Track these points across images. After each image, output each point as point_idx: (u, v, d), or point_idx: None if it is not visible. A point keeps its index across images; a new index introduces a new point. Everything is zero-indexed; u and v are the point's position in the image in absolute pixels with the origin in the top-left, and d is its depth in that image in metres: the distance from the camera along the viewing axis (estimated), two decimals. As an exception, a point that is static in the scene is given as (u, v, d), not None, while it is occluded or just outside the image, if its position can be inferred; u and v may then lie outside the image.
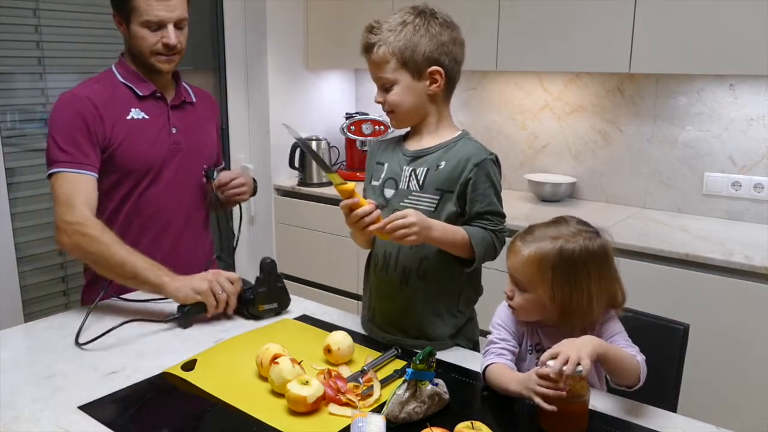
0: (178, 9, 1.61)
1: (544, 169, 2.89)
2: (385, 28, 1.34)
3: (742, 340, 1.98)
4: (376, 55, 1.35)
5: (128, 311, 1.55)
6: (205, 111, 1.86)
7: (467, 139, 1.43)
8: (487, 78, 3.01)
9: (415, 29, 1.32)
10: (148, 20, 1.58)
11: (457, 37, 1.37)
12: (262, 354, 1.23)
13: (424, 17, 1.33)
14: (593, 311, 1.17)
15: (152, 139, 1.68)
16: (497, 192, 1.38)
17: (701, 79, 2.45)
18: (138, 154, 1.65)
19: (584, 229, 1.20)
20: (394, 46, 1.32)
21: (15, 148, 2.44)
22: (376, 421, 1.03)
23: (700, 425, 1.10)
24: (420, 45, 1.31)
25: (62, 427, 1.08)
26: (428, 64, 1.33)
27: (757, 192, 2.38)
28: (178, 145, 1.72)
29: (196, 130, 1.79)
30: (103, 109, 1.61)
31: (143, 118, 1.67)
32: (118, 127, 1.62)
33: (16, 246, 2.42)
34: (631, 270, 2.11)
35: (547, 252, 1.15)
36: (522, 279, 1.19)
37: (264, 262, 1.54)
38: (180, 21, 1.63)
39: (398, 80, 1.34)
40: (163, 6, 1.58)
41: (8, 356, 1.35)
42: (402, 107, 1.37)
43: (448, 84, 1.39)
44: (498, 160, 1.40)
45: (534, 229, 1.22)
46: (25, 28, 2.43)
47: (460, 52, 1.38)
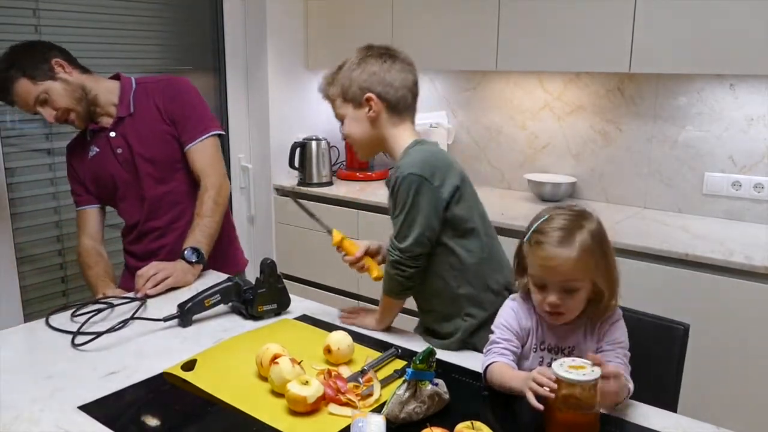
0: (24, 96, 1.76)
1: (544, 169, 2.89)
2: (332, 73, 1.52)
3: (742, 340, 1.98)
4: (330, 100, 1.52)
5: (127, 311, 1.55)
6: (150, 112, 1.89)
7: (410, 151, 1.44)
8: (487, 78, 3.00)
9: (351, 66, 1.47)
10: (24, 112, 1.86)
11: (392, 65, 1.46)
12: (262, 354, 1.23)
13: (360, 53, 1.48)
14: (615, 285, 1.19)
15: (106, 166, 1.90)
16: (408, 213, 1.37)
17: (701, 79, 2.45)
18: (100, 184, 1.93)
19: (580, 209, 1.22)
20: (337, 86, 1.49)
21: (15, 148, 2.44)
22: (376, 421, 1.03)
23: (700, 425, 1.10)
24: (354, 78, 1.46)
25: (62, 427, 1.08)
26: (363, 92, 1.45)
27: (757, 192, 2.38)
28: (126, 163, 1.89)
29: (142, 137, 1.88)
30: (74, 158, 1.96)
31: (97, 152, 1.91)
32: (85, 166, 1.93)
33: (16, 246, 2.42)
34: (631, 270, 2.12)
35: (586, 240, 1.14)
36: (577, 278, 1.15)
37: (264, 262, 1.55)
38: (39, 101, 1.77)
39: (346, 114, 1.49)
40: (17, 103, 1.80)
41: (8, 356, 1.35)
42: (353, 137, 1.50)
43: (390, 107, 1.46)
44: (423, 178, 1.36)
45: (549, 231, 1.16)
46: (25, 28, 2.43)
47: (396, 77, 1.46)
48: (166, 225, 1.92)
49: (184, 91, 1.93)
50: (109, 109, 1.89)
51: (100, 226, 1.97)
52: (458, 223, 1.40)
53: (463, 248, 1.41)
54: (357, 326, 1.49)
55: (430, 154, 1.42)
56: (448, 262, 1.42)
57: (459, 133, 3.13)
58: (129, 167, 1.89)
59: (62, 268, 2.60)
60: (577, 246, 1.14)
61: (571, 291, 1.16)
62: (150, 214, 1.91)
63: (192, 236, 1.80)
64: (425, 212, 1.36)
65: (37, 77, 1.75)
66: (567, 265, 1.13)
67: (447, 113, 3.13)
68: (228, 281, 1.57)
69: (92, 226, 1.95)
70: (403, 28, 2.85)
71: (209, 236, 1.82)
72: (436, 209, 1.37)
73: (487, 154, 3.07)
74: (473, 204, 1.45)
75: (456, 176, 1.40)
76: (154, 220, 1.92)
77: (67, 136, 2.57)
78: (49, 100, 1.77)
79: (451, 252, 1.41)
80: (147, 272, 1.70)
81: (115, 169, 1.89)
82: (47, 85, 1.76)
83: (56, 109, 1.79)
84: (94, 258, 1.90)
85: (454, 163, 1.44)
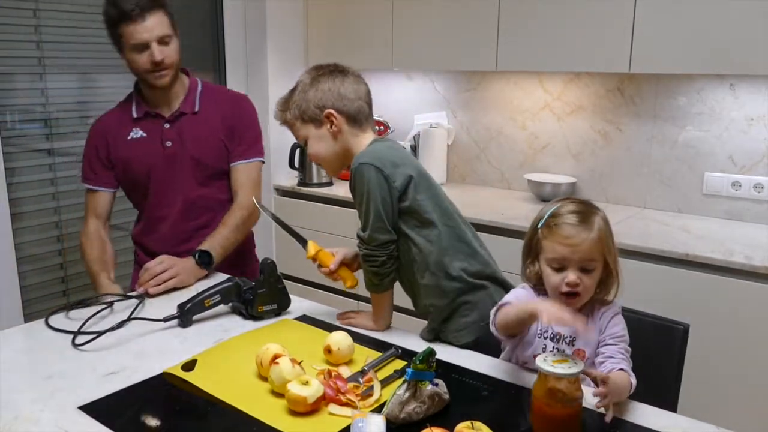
0: (157, 28, 1.74)
1: (544, 169, 2.89)
2: (286, 98, 1.52)
3: (742, 340, 1.98)
4: (287, 124, 1.52)
5: (127, 310, 1.55)
6: (213, 118, 1.90)
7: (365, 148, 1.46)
8: (487, 78, 3.00)
9: (303, 88, 1.48)
10: (134, 44, 1.75)
11: (345, 78, 1.48)
12: (262, 354, 1.23)
13: (309, 74, 1.49)
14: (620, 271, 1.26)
15: (148, 153, 1.86)
16: (365, 202, 1.39)
17: (701, 79, 2.45)
18: (134, 169, 1.88)
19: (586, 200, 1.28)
20: (293, 109, 1.49)
21: (15, 148, 2.44)
22: (376, 421, 1.03)
23: (700, 425, 1.10)
24: (308, 99, 1.46)
25: (62, 427, 1.08)
26: (320, 110, 1.46)
27: (757, 192, 2.38)
28: (172, 158, 1.86)
29: (199, 138, 1.87)
30: (110, 131, 1.89)
31: (141, 136, 1.88)
32: (120, 147, 1.88)
33: (16, 246, 2.42)
34: (631, 270, 2.11)
35: (602, 224, 1.23)
36: (594, 257, 1.21)
37: (264, 263, 1.55)
38: (163, 38, 1.76)
39: (308, 134, 1.49)
40: (141, 29, 1.73)
41: (8, 356, 1.35)
42: (320, 155, 1.50)
43: (350, 119, 1.47)
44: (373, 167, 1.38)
45: (564, 215, 1.23)
46: (25, 28, 2.43)
47: (350, 89, 1.47)
48: (194, 229, 1.90)
49: (250, 110, 1.98)
50: (172, 98, 1.88)
51: (109, 211, 1.95)
52: (416, 213, 1.40)
53: (424, 238, 1.41)
54: (356, 327, 1.49)
55: (384, 147, 1.45)
56: (410, 253, 1.43)
57: (459, 133, 3.13)
58: (171, 162, 1.86)
59: (62, 268, 2.60)
60: (595, 227, 1.21)
61: (587, 271, 1.21)
62: (183, 213, 1.90)
63: (210, 241, 1.80)
64: (379, 199, 1.37)
65: (174, 21, 1.79)
66: (586, 244, 1.20)
67: (447, 113, 3.13)
68: (228, 281, 1.57)
69: (102, 208, 1.92)
70: (403, 28, 2.85)
71: (225, 248, 1.83)
72: (390, 195, 1.38)
73: (487, 154, 3.07)
74: (432, 197, 1.43)
75: (410, 168, 1.41)
76: (186, 221, 1.90)
77: (67, 135, 2.59)
78: (169, 45, 1.77)
79: (412, 242, 1.42)
80: (154, 269, 1.69)
81: (156, 160, 1.86)
82: (175, 35, 1.80)
83: (167, 57, 1.77)
84: (98, 243, 1.88)
85: (409, 158, 1.47)
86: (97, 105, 2.68)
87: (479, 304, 1.41)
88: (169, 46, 1.78)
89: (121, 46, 1.78)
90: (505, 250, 1.75)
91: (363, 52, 2.99)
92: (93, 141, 1.91)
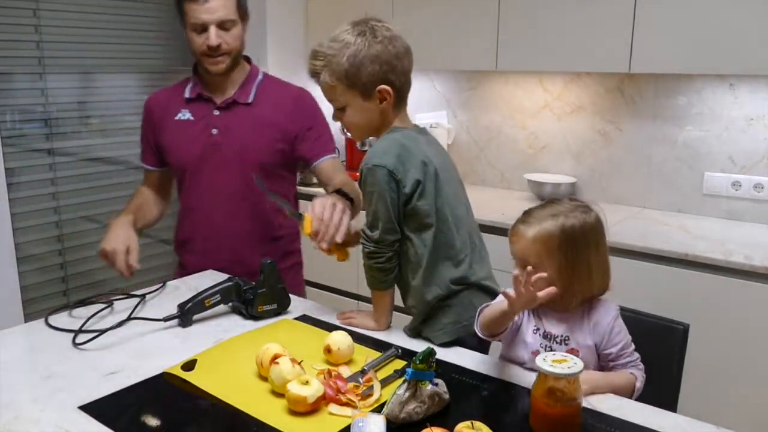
0: (219, 11, 1.67)
1: (544, 169, 2.89)
2: (329, 53, 1.36)
3: (742, 340, 1.98)
4: (323, 82, 1.39)
5: (127, 311, 1.55)
6: (270, 112, 1.79)
7: (381, 139, 1.41)
8: (487, 78, 3.01)
9: (357, 51, 1.33)
10: (193, 24, 1.68)
11: (399, 51, 1.37)
12: (262, 354, 1.23)
13: (365, 37, 1.35)
14: (593, 283, 1.23)
15: (191, 138, 1.78)
16: (370, 202, 1.37)
17: (701, 79, 2.45)
18: (177, 152, 1.81)
19: (579, 204, 1.25)
20: (338, 70, 1.35)
21: (15, 148, 2.44)
22: (376, 421, 1.03)
23: (700, 425, 1.10)
24: (363, 66, 1.33)
25: (62, 427, 1.08)
26: (375, 84, 1.36)
27: (757, 192, 2.38)
28: (217, 146, 1.77)
29: (245, 131, 1.77)
30: (156, 113, 1.84)
31: (188, 119, 1.80)
32: (166, 128, 1.82)
33: (16, 246, 2.42)
34: (631, 270, 2.12)
35: (550, 230, 1.20)
36: (530, 260, 1.21)
37: (264, 263, 1.55)
38: (224, 22, 1.68)
39: (349, 103, 1.39)
40: (202, 9, 1.66)
41: (8, 356, 1.35)
42: (357, 126, 1.43)
43: (398, 97, 1.41)
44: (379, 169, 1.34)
45: (532, 212, 1.25)
46: (25, 28, 2.44)
47: (406, 63, 1.39)
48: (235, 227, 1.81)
49: (317, 106, 1.85)
50: (228, 85, 1.80)
51: (162, 185, 1.93)
52: (417, 216, 1.39)
53: (421, 241, 1.40)
54: (357, 327, 1.49)
55: (400, 142, 1.37)
56: (407, 253, 1.42)
57: (459, 133, 3.13)
58: (214, 152, 1.77)
59: (62, 268, 2.61)
60: (536, 231, 1.20)
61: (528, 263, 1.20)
62: (220, 207, 1.80)
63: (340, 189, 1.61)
64: (388, 200, 1.35)
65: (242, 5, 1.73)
66: (520, 244, 1.23)
67: (447, 113, 3.13)
68: (228, 281, 1.57)
69: (153, 183, 1.91)
70: (403, 28, 2.83)
71: (352, 191, 1.61)
72: (399, 198, 1.36)
73: (487, 154, 3.07)
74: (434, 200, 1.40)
75: (419, 170, 1.36)
76: (224, 216, 1.80)
77: (67, 135, 2.59)
78: (230, 31, 1.71)
79: (411, 243, 1.41)
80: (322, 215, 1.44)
81: (197, 147, 1.78)
82: (238, 20, 1.72)
83: (224, 43, 1.70)
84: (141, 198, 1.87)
85: (419, 155, 1.37)
86: (97, 105, 2.69)
87: (457, 307, 1.41)
88: (229, 31, 1.70)
89: (184, 23, 1.71)
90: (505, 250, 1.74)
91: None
92: (143, 117, 1.88)
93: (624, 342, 1.25)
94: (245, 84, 1.80)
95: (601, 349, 1.24)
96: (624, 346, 1.25)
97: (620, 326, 1.26)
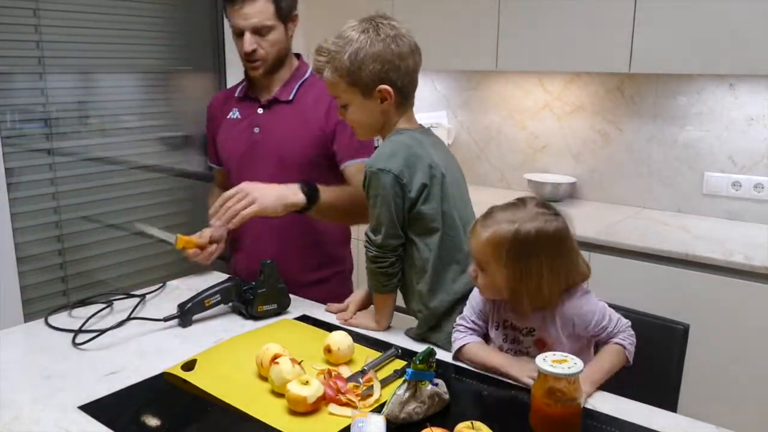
0: (254, 17, 1.64)
1: (544, 169, 2.89)
2: (332, 49, 1.36)
3: (742, 340, 1.98)
4: (326, 78, 1.38)
5: (128, 311, 1.55)
6: (311, 110, 1.72)
7: (387, 141, 1.40)
8: (487, 78, 3.01)
9: (359, 49, 1.32)
10: (232, 28, 1.69)
11: (402, 50, 1.35)
12: (262, 354, 1.23)
13: (367, 34, 1.33)
14: (542, 293, 1.19)
15: (236, 137, 1.79)
16: (373, 206, 1.36)
17: (701, 79, 2.45)
18: (225, 150, 1.83)
19: (542, 212, 1.20)
20: (340, 67, 1.34)
21: (15, 148, 2.44)
22: (376, 421, 1.03)
23: (700, 425, 1.10)
24: (365, 65, 1.32)
25: (62, 427, 1.08)
26: (375, 84, 1.35)
27: (757, 192, 2.38)
28: (257, 144, 1.75)
29: (284, 130, 1.73)
30: (215, 110, 1.87)
31: (236, 117, 1.80)
32: (221, 126, 1.83)
33: (16, 246, 2.42)
34: (631, 270, 2.12)
35: (503, 235, 1.18)
36: (481, 260, 1.22)
37: (264, 263, 1.54)
38: (260, 28, 1.65)
39: (351, 101, 1.38)
40: (237, 15, 1.65)
41: (8, 356, 1.35)
42: (360, 125, 1.43)
43: (401, 97, 1.39)
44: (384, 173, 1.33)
45: (494, 212, 1.23)
46: (25, 28, 2.43)
47: (410, 63, 1.37)
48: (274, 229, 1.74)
49: None
50: (273, 83, 1.76)
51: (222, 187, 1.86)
52: (422, 221, 1.38)
53: (426, 245, 1.38)
54: (357, 327, 1.49)
55: (404, 148, 1.35)
56: (412, 257, 1.41)
57: (459, 133, 3.13)
58: (255, 151, 1.74)
59: (62, 268, 2.60)
60: (488, 234, 1.19)
61: (481, 269, 1.23)
62: None
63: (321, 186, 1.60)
64: (393, 206, 1.34)
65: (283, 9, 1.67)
66: (475, 243, 1.22)
67: (447, 113, 3.13)
68: (228, 281, 1.57)
69: (221, 182, 1.88)
70: (403, 28, 2.84)
71: (332, 202, 1.59)
72: (404, 202, 1.35)
73: (487, 154, 3.07)
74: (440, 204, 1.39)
75: (425, 174, 1.35)
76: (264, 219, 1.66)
77: (67, 135, 2.59)
78: (266, 37, 1.67)
79: (415, 247, 1.39)
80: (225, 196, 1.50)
81: (241, 146, 1.76)
82: (278, 24, 1.68)
83: (260, 49, 1.67)
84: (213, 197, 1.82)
85: (426, 158, 1.36)
86: (97, 105, 2.68)
87: None
88: (266, 37, 1.66)
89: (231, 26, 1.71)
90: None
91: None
92: (206, 117, 1.90)
93: (596, 318, 1.22)
94: (289, 82, 1.76)
95: (578, 333, 1.23)
96: (598, 321, 1.22)
97: (588, 304, 1.23)
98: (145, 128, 2.83)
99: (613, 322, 1.23)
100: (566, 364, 1.05)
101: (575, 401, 1.05)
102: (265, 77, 1.74)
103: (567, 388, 1.04)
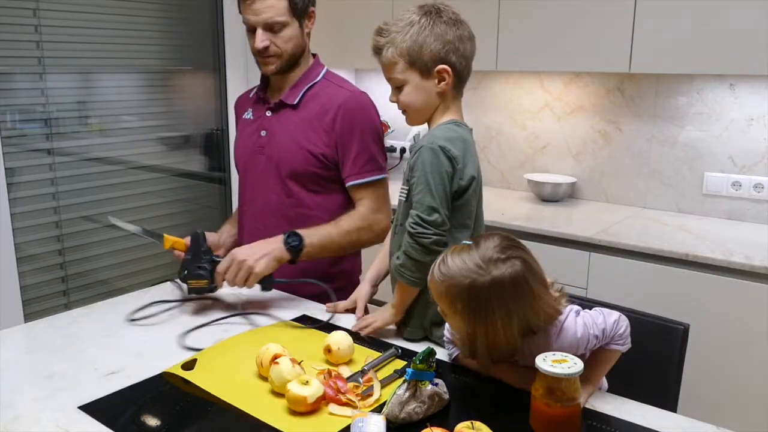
0: (265, 12, 1.60)
1: (544, 169, 2.89)
2: (393, 30, 1.37)
3: (742, 340, 1.98)
4: (385, 57, 1.38)
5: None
6: (315, 117, 1.66)
7: (439, 126, 1.38)
8: (487, 78, 3.01)
9: (421, 29, 1.34)
10: (244, 23, 1.66)
11: (463, 34, 1.37)
12: (262, 354, 1.23)
13: (430, 16, 1.35)
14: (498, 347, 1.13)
15: (245, 138, 1.77)
16: (428, 183, 1.30)
17: (701, 79, 2.45)
18: (235, 151, 1.82)
19: (499, 257, 1.10)
20: (401, 47, 1.35)
21: (15, 148, 2.44)
22: (376, 421, 1.03)
23: (700, 425, 1.10)
24: (426, 44, 1.33)
25: (62, 427, 1.08)
26: (435, 63, 1.35)
27: (757, 192, 2.38)
28: (261, 149, 1.71)
29: (285, 135, 1.68)
30: (237, 108, 1.88)
31: (250, 118, 1.79)
32: (239, 125, 1.84)
33: (16, 246, 2.42)
34: (631, 270, 2.12)
35: (460, 291, 1.10)
36: (440, 307, 1.17)
37: (195, 233, 1.57)
38: (272, 24, 1.61)
39: (408, 80, 1.37)
40: (249, 10, 1.62)
41: (8, 356, 1.35)
42: (413, 106, 1.40)
43: (457, 80, 1.39)
44: (445, 151, 1.31)
45: (447, 260, 1.13)
46: (25, 28, 2.43)
47: (468, 48, 1.38)
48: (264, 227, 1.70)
49: (361, 118, 1.66)
50: (284, 85, 1.71)
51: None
52: (462, 214, 1.36)
53: (455, 241, 1.33)
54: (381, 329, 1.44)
55: (461, 138, 1.35)
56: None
57: (459, 133, 3.13)
58: (259, 154, 1.71)
59: (62, 268, 2.60)
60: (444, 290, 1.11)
61: (444, 314, 1.16)
62: (262, 215, 1.72)
63: (309, 230, 1.58)
64: (447, 189, 1.31)
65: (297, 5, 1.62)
66: (434, 292, 1.15)
67: (447, 113, 3.13)
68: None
69: None
70: (403, 28, 2.84)
71: (323, 246, 1.58)
72: (451, 187, 1.32)
73: (487, 154, 3.07)
74: (480, 204, 1.41)
75: (475, 169, 1.37)
76: (265, 226, 1.70)
77: (67, 135, 2.59)
78: (279, 33, 1.62)
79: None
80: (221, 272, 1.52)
81: (248, 148, 1.74)
82: (292, 21, 1.62)
83: (272, 46, 1.62)
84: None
85: (476, 155, 1.38)
86: (97, 105, 2.69)
87: None
88: (278, 34, 1.61)
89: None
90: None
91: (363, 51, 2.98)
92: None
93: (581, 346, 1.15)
94: (297, 84, 1.70)
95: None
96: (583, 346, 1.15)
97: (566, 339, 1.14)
98: (145, 128, 2.83)
99: (600, 338, 1.15)
100: (566, 364, 1.05)
101: (575, 401, 1.05)
102: (280, 77, 1.70)
103: (567, 388, 1.04)
